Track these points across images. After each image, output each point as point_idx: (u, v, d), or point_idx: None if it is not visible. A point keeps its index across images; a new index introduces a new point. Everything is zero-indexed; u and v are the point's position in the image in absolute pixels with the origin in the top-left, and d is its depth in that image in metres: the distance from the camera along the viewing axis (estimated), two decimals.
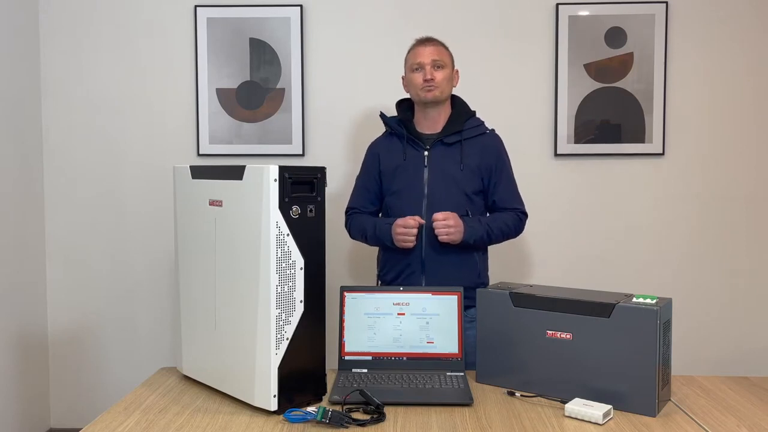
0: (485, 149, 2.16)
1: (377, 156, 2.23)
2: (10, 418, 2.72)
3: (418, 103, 2.18)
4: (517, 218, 2.17)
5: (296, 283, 1.50)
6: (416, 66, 2.12)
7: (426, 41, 2.15)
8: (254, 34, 2.90)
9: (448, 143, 2.14)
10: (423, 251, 2.11)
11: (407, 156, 2.16)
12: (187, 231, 1.73)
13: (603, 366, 1.54)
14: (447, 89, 2.14)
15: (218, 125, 2.93)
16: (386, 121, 2.24)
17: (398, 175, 2.17)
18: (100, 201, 2.98)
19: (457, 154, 2.14)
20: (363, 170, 2.28)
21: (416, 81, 2.12)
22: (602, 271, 2.96)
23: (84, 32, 2.94)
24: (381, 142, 2.27)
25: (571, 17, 2.87)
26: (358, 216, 2.25)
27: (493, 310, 1.70)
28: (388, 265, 2.21)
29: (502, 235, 2.13)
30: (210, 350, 1.65)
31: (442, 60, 2.11)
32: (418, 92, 2.13)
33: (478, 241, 2.09)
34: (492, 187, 2.17)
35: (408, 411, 1.52)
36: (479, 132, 2.17)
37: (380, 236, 2.13)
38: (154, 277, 3.00)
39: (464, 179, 2.12)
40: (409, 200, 2.14)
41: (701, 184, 2.93)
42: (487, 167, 2.15)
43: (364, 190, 2.26)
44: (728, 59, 2.90)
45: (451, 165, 2.13)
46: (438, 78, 2.10)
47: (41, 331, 2.96)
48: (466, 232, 2.05)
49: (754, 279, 2.95)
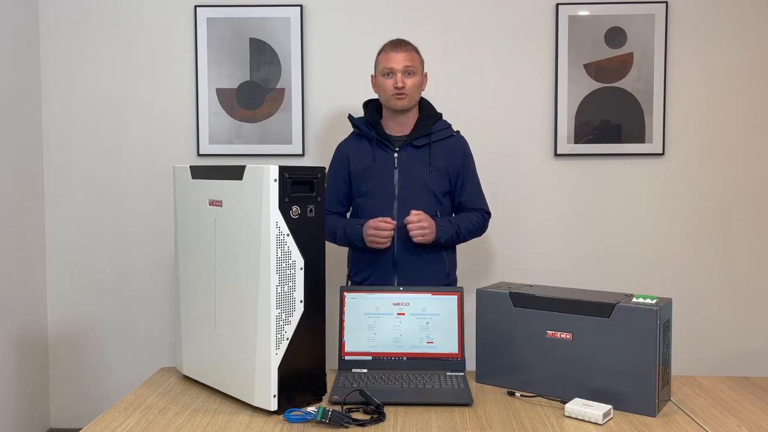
0: (452, 151, 2.21)
1: (346, 157, 2.25)
2: (10, 418, 2.72)
3: (387, 108, 2.21)
4: (482, 218, 2.25)
5: (296, 283, 1.50)
6: (387, 71, 2.13)
7: (398, 45, 2.15)
8: (254, 34, 2.90)
9: (417, 146, 2.18)
10: (395, 251, 2.14)
11: (377, 158, 2.19)
12: (187, 231, 1.73)
13: (603, 366, 1.54)
14: (416, 96, 2.18)
15: (218, 125, 2.93)
16: (354, 123, 2.27)
17: (368, 177, 2.19)
18: (100, 201, 2.98)
19: (426, 157, 2.17)
20: (332, 171, 2.29)
21: (387, 86, 2.14)
22: (602, 271, 2.96)
23: (84, 32, 2.94)
24: (349, 143, 2.28)
25: (571, 17, 2.87)
26: (327, 217, 2.25)
27: (493, 310, 1.70)
28: (359, 265, 2.24)
29: (470, 234, 2.21)
30: (210, 350, 1.65)
31: (413, 66, 2.13)
32: (388, 98, 2.16)
33: (449, 240, 2.16)
34: (459, 188, 2.23)
35: (408, 411, 1.52)
36: (447, 135, 2.22)
37: (351, 237, 2.16)
38: (154, 277, 3.00)
39: (433, 181, 2.17)
40: (380, 201, 2.17)
41: (701, 184, 2.93)
42: (455, 169, 2.21)
43: (333, 192, 2.27)
44: (728, 59, 2.90)
45: (420, 167, 2.17)
46: (408, 85, 2.12)
47: (41, 331, 2.96)
48: (438, 232, 2.11)
49: (754, 279, 2.95)
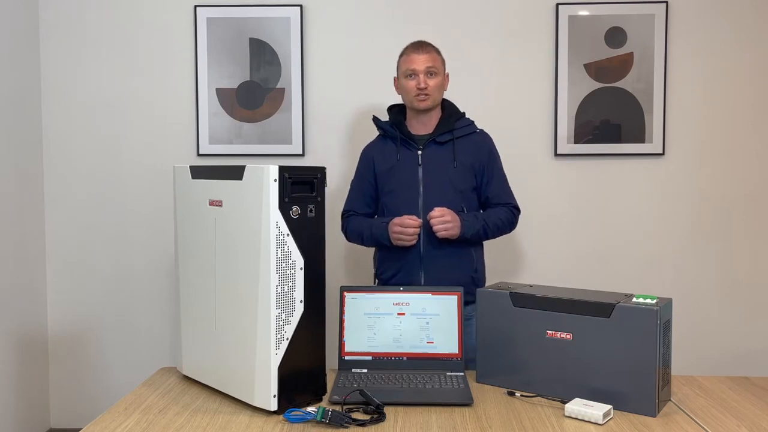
0: (477, 147, 2.20)
1: (371, 159, 2.26)
2: (10, 418, 2.71)
3: (410, 109, 2.21)
4: (510, 213, 2.22)
5: (296, 283, 1.50)
6: (410, 72, 2.14)
7: (420, 47, 2.16)
8: (254, 34, 2.90)
9: (441, 142, 2.18)
10: (421, 248, 2.13)
11: (401, 156, 2.19)
12: (187, 231, 1.73)
13: (603, 366, 1.54)
14: (439, 96, 2.18)
15: (218, 125, 2.93)
16: (379, 125, 2.28)
17: (393, 175, 2.19)
18: (100, 201, 2.98)
19: (450, 153, 2.17)
20: (358, 173, 2.31)
21: (410, 88, 2.15)
22: (602, 271, 2.96)
23: (84, 32, 2.94)
24: (375, 145, 2.30)
25: (571, 17, 2.87)
26: (354, 218, 2.27)
27: (493, 310, 1.70)
28: (385, 264, 2.22)
29: (497, 229, 2.18)
30: (210, 350, 1.65)
31: (435, 67, 2.14)
32: (411, 99, 2.16)
33: (475, 236, 2.13)
34: (485, 183, 2.21)
35: (408, 411, 1.52)
36: (470, 131, 2.22)
37: (377, 236, 2.16)
38: (154, 277, 3.00)
39: (458, 177, 2.16)
40: (404, 199, 2.16)
41: (701, 184, 2.93)
42: (480, 164, 2.19)
43: (360, 193, 2.29)
44: (728, 59, 2.90)
45: (444, 163, 2.16)
46: (431, 86, 2.13)
47: (41, 331, 2.95)
48: (463, 227, 2.08)
49: (754, 279, 2.95)
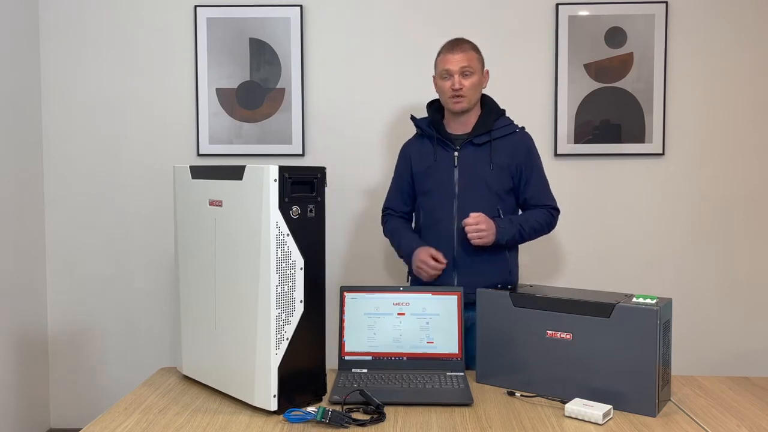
0: (515, 147, 2.15)
1: (409, 158, 2.25)
2: (10, 418, 2.71)
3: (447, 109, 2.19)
4: (549, 215, 2.17)
5: (296, 283, 1.50)
6: (445, 73, 2.10)
7: (455, 46, 2.11)
8: (254, 34, 2.90)
9: (478, 143, 2.14)
10: (455, 251, 2.11)
11: (437, 157, 2.17)
12: (186, 231, 1.73)
13: (603, 366, 1.54)
14: (475, 96, 2.13)
15: (218, 125, 2.93)
16: (417, 123, 2.25)
17: (429, 176, 2.17)
18: (100, 201, 2.98)
19: (487, 154, 2.13)
20: (396, 172, 2.30)
21: (445, 89, 2.11)
22: (602, 271, 2.96)
23: (84, 32, 2.94)
24: (412, 143, 2.28)
25: (571, 17, 2.87)
26: (392, 219, 2.28)
27: (493, 310, 1.70)
28: None
29: (534, 232, 2.14)
30: (210, 350, 1.65)
31: (470, 66, 2.08)
32: (446, 101, 2.13)
33: (510, 241, 2.10)
34: (523, 185, 2.16)
35: (408, 411, 1.52)
36: (509, 131, 2.16)
37: (403, 254, 2.20)
38: (154, 277, 3.00)
39: (494, 179, 2.11)
40: (439, 200, 2.14)
41: (701, 184, 2.93)
42: (518, 165, 2.14)
43: (398, 192, 2.29)
44: (728, 59, 2.90)
45: (481, 165, 2.12)
46: (466, 86, 2.08)
47: (41, 331, 2.95)
48: (498, 234, 2.04)
49: (754, 279, 2.95)
